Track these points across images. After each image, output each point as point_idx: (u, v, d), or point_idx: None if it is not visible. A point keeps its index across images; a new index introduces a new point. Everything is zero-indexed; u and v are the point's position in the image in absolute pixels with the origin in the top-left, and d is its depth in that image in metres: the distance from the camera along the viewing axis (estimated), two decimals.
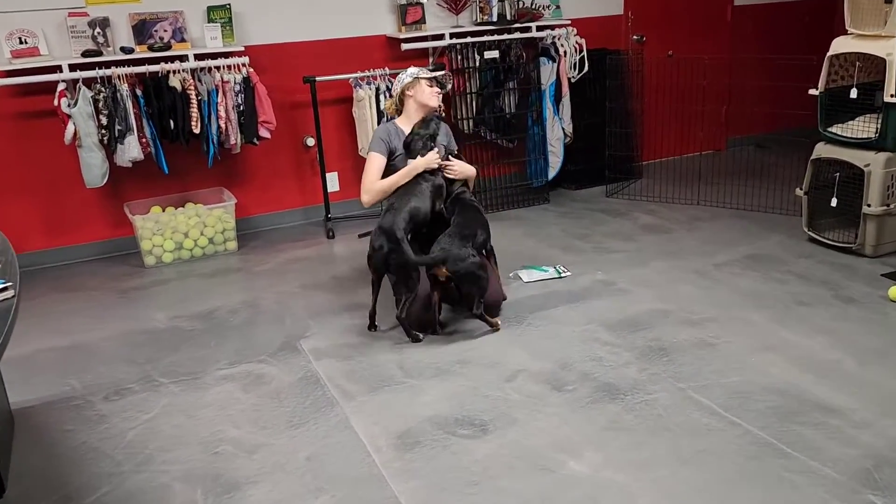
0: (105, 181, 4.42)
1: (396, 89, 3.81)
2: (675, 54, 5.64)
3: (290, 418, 2.87)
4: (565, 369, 3.12)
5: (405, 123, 3.76)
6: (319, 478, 2.51)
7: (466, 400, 2.94)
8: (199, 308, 3.93)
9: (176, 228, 4.62)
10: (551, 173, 5.50)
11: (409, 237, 3.38)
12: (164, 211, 4.70)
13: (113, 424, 2.89)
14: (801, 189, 4.35)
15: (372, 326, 3.54)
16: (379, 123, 4.97)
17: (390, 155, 3.68)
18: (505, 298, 3.69)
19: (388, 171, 3.67)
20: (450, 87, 3.93)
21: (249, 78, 4.54)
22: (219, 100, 4.46)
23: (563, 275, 4.08)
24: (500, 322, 3.50)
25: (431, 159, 3.58)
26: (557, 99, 5.37)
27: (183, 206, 4.75)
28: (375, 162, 3.64)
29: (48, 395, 3.14)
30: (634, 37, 5.97)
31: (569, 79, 5.40)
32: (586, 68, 5.40)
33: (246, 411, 2.95)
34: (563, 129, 5.42)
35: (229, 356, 3.40)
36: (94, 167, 4.34)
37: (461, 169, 3.77)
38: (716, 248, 4.40)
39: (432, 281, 3.38)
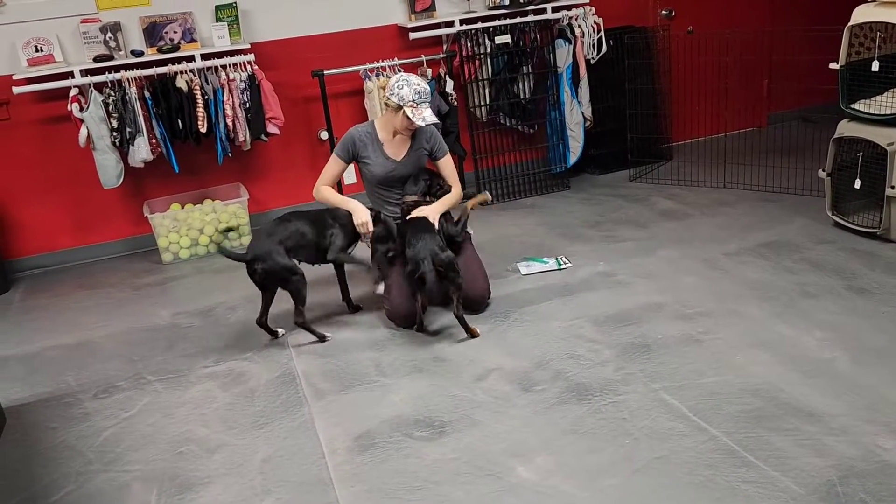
0: (121, 181, 4.58)
1: (384, 95, 3.57)
2: (703, 29, 5.35)
3: (258, 418, 2.91)
4: (540, 368, 3.03)
5: (383, 128, 3.64)
6: (270, 480, 2.54)
7: (432, 400, 2.90)
8: (202, 305, 4.03)
9: (191, 225, 4.74)
10: (572, 159, 5.34)
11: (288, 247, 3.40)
12: (182, 208, 4.83)
13: (94, 423, 3.00)
14: (823, 170, 4.07)
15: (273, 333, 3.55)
16: None
17: (357, 158, 3.65)
18: (489, 295, 3.62)
19: (364, 172, 3.71)
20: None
21: (255, 75, 4.59)
22: (225, 98, 4.53)
23: (563, 266, 3.96)
24: (478, 330, 3.37)
25: (363, 219, 3.51)
26: (575, 82, 5.20)
27: (201, 203, 4.87)
28: (332, 165, 3.64)
29: (44, 392, 3.29)
30: (663, 12, 5.70)
31: (587, 60, 5.22)
32: (604, 49, 5.20)
33: (219, 410, 3.00)
34: (581, 112, 5.25)
35: (217, 353, 3.47)
36: (108, 168, 4.50)
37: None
38: (731, 234, 4.18)
39: (418, 284, 3.33)
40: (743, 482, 2.27)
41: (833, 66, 3.89)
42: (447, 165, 3.73)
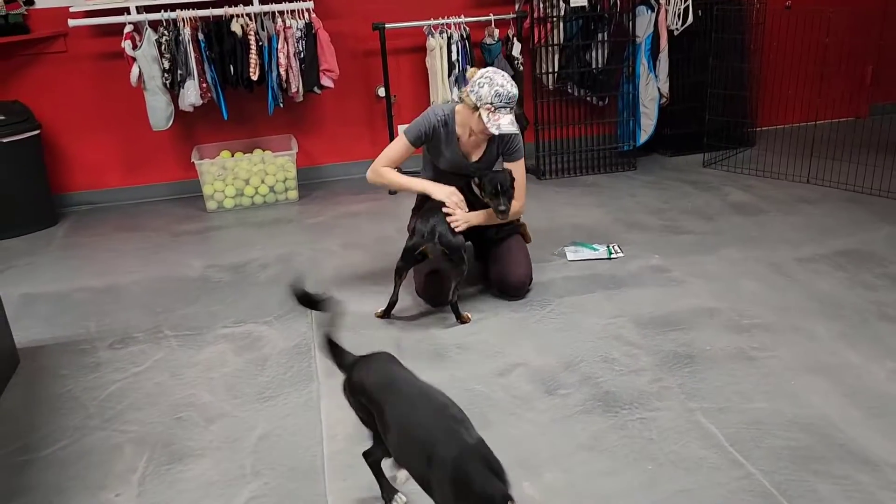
0: (170, 124, 4.49)
1: (465, 88, 3.09)
2: (803, 5, 4.84)
3: (264, 389, 2.77)
4: (568, 369, 2.79)
5: (461, 123, 3.18)
6: (261, 461, 2.39)
7: (447, 391, 2.67)
8: (235, 259, 3.92)
9: (238, 175, 4.63)
10: (642, 137, 4.98)
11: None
12: (232, 156, 4.72)
13: (102, 374, 2.93)
14: None
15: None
16: (450, 75, 4.70)
17: (427, 143, 3.25)
18: (531, 282, 3.37)
19: (431, 154, 3.33)
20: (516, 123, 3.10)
21: (312, 24, 4.39)
22: (279, 46, 4.36)
23: (613, 256, 3.67)
24: (469, 316, 3.17)
25: (453, 198, 3.13)
26: (654, 54, 4.82)
27: (251, 152, 4.74)
28: (398, 148, 3.23)
29: (63, 335, 3.25)
30: None
31: (670, 31, 4.81)
32: (690, 20, 4.77)
33: (227, 376, 2.88)
34: (658, 88, 4.86)
35: (239, 314, 3.35)
36: (158, 110, 4.42)
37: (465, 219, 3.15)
38: (807, 237, 3.79)
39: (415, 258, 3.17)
40: None
41: None
42: (518, 171, 3.25)
